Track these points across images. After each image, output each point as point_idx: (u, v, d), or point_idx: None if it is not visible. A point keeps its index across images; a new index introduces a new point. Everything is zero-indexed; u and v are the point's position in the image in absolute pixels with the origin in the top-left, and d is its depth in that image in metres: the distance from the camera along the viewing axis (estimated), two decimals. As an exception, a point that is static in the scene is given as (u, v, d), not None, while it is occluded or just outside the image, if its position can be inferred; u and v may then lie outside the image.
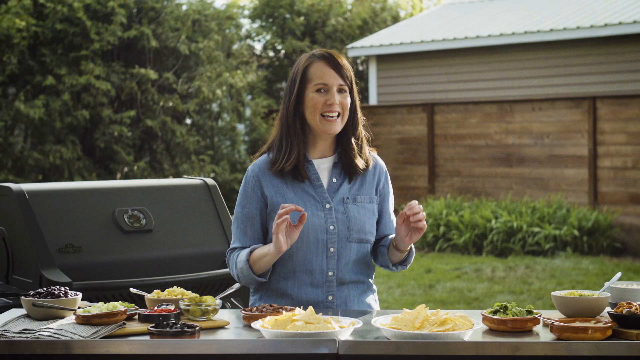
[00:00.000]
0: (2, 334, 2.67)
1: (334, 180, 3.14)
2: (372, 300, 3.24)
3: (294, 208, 2.89)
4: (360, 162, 3.15)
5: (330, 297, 3.10)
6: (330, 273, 3.09)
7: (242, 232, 3.12)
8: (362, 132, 3.19)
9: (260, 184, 3.11)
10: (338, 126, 3.09)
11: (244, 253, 3.07)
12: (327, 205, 3.09)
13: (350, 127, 3.15)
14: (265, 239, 3.14)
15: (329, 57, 3.10)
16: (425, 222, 2.99)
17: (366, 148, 3.20)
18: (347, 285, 3.13)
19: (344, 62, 3.11)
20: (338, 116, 3.08)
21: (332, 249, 3.08)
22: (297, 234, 2.94)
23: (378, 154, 3.29)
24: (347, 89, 3.10)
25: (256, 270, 3.05)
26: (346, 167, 3.15)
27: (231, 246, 3.16)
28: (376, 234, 3.22)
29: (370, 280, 3.23)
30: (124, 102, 14.50)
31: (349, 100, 3.11)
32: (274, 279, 3.13)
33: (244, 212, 3.12)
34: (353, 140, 3.15)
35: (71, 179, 13.43)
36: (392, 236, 3.19)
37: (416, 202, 3.01)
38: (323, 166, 3.15)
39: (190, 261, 4.04)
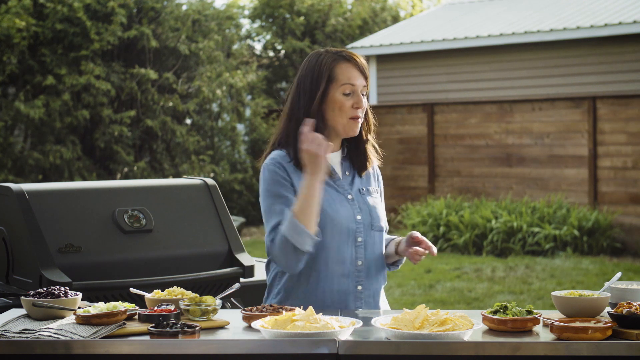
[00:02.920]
0: (2, 334, 2.67)
1: (347, 173, 3.19)
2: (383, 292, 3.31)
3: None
4: (367, 160, 3.22)
5: (359, 287, 3.12)
6: (360, 262, 3.12)
7: (280, 216, 3.04)
8: (371, 129, 3.25)
9: (288, 173, 3.09)
10: (359, 127, 3.15)
11: (286, 218, 2.97)
12: (349, 196, 3.14)
13: (366, 125, 3.21)
14: None
15: (355, 59, 3.12)
16: (418, 262, 3.15)
17: (372, 144, 3.25)
18: (374, 277, 3.17)
19: (365, 64, 3.15)
20: (359, 118, 3.13)
21: (359, 239, 3.12)
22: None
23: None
24: (366, 91, 3.15)
25: (306, 223, 2.95)
26: (356, 163, 3.21)
27: (273, 235, 3.03)
28: None
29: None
30: (124, 102, 14.51)
31: (367, 102, 3.17)
32: (305, 273, 3.09)
33: (283, 201, 3.04)
34: (363, 138, 3.20)
35: (71, 179, 13.43)
36: (387, 237, 3.28)
37: (434, 251, 3.09)
38: (334, 160, 3.19)
39: (190, 261, 4.04)
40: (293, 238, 2.96)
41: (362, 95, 3.12)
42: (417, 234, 3.13)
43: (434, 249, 3.11)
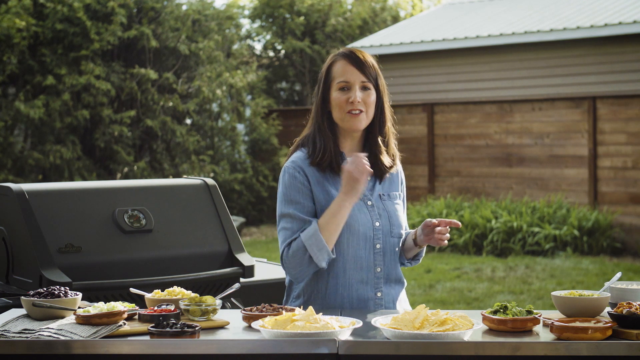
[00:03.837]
0: (2, 334, 2.67)
1: (368, 177, 3.13)
2: (403, 292, 3.28)
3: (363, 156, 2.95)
4: (386, 160, 3.18)
5: (379, 294, 3.11)
6: (379, 269, 3.11)
7: (299, 225, 3.03)
8: (389, 129, 3.20)
9: (307, 178, 3.09)
10: (362, 122, 3.10)
11: (309, 228, 2.98)
12: (369, 202, 3.13)
13: (377, 124, 3.16)
14: None
15: (351, 55, 3.10)
16: (446, 242, 3.10)
17: (392, 146, 3.22)
18: (393, 284, 3.16)
19: (368, 59, 3.11)
20: (361, 112, 3.08)
21: (378, 245, 3.11)
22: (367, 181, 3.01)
23: None
24: (371, 86, 3.10)
25: (328, 240, 2.98)
26: (376, 167, 3.16)
27: (287, 240, 3.03)
28: None
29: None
30: (124, 102, 14.50)
31: (373, 97, 3.11)
32: (323, 279, 3.09)
33: (297, 207, 3.05)
34: (379, 138, 3.17)
35: (71, 179, 13.43)
36: (405, 232, 3.25)
37: (458, 223, 3.07)
38: None
39: (190, 261, 4.04)
40: (312, 250, 2.99)
41: (365, 89, 3.09)
42: (431, 219, 3.10)
43: (456, 221, 3.06)
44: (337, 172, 3.10)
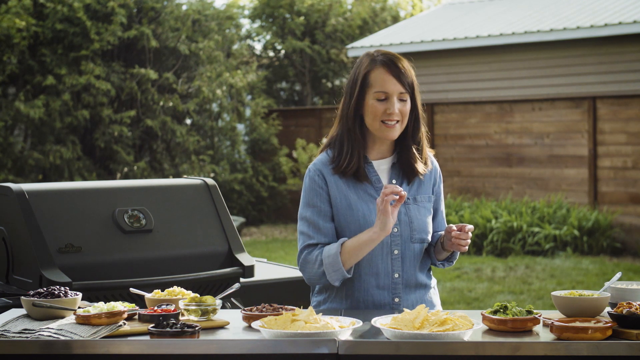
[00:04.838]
0: (2, 334, 2.67)
1: (394, 181, 3.13)
2: (434, 294, 3.24)
3: (397, 191, 2.89)
4: (420, 167, 3.15)
5: (396, 300, 3.10)
6: (396, 275, 3.09)
7: (314, 229, 3.06)
8: (423, 134, 3.18)
9: (326, 182, 3.09)
10: (397, 132, 3.08)
11: (333, 246, 3.00)
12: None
13: (411, 131, 3.14)
14: (337, 236, 3.09)
15: (391, 64, 3.07)
16: (467, 247, 3.05)
17: (426, 151, 3.20)
18: (413, 289, 3.13)
19: (406, 67, 3.09)
20: (397, 122, 3.07)
21: (396, 251, 3.08)
22: (396, 214, 2.95)
23: None
24: (407, 96, 3.08)
25: (347, 263, 2.99)
26: (405, 170, 3.15)
27: (305, 243, 3.07)
28: None
29: (430, 279, 3.23)
30: (124, 102, 14.50)
31: (408, 107, 3.09)
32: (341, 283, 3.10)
33: (315, 211, 3.07)
34: (413, 145, 3.15)
35: (71, 179, 13.43)
36: (439, 233, 3.22)
37: (471, 227, 3.04)
38: (382, 167, 3.14)
39: (190, 261, 4.04)
40: (328, 269, 3.00)
41: (402, 100, 3.06)
42: (451, 225, 3.05)
43: (461, 224, 3.04)
44: (359, 179, 3.09)
